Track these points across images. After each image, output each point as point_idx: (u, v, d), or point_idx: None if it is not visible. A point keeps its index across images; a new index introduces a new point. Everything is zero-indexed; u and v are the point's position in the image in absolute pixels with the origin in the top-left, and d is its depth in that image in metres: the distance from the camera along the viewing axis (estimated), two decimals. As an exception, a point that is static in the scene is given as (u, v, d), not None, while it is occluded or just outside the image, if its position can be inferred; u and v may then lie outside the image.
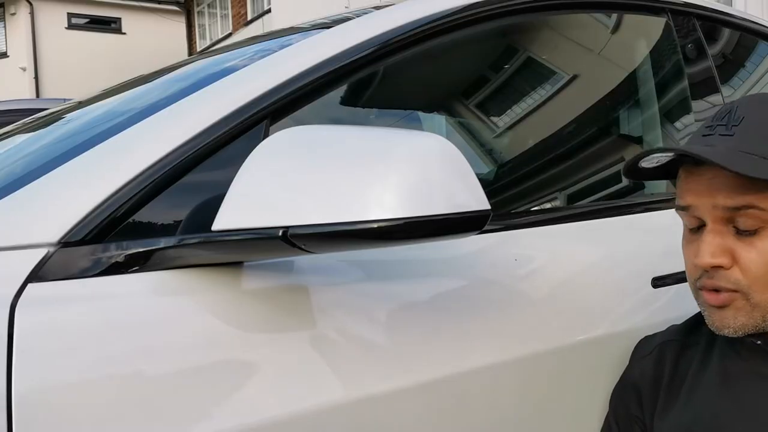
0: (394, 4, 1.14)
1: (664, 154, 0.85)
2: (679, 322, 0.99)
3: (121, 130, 0.86)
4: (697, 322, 0.94)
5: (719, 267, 0.82)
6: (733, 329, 0.83)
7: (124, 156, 0.82)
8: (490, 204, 0.71)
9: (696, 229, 0.86)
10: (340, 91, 1.01)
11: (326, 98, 0.97)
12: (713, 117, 0.87)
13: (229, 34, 15.54)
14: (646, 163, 0.87)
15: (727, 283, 0.83)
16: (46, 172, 0.81)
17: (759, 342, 0.86)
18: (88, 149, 0.84)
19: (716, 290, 0.84)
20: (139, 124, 0.87)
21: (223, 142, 0.85)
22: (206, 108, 0.87)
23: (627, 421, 0.95)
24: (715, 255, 0.82)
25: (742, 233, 0.82)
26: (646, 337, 1.00)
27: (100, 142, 0.85)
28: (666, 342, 0.96)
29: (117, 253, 0.76)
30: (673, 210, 0.89)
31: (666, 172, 0.89)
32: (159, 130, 0.85)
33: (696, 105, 1.39)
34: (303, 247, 0.68)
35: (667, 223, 1.22)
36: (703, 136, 0.86)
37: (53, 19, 15.95)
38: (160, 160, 0.81)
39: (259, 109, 0.88)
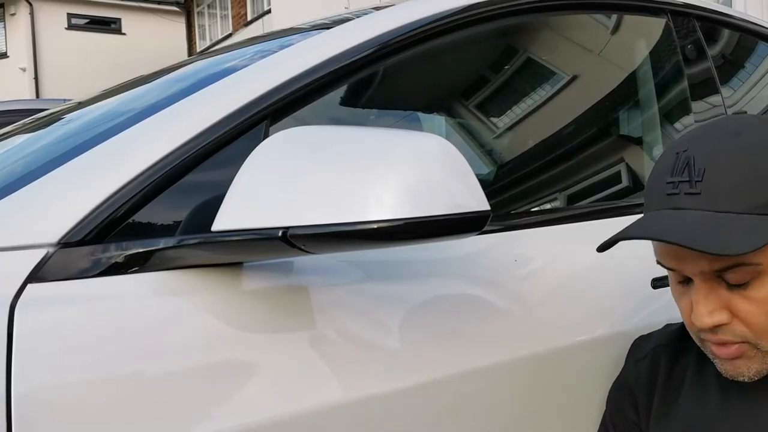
0: (394, 5, 1.14)
1: (635, 236, 0.81)
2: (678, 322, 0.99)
3: (121, 131, 0.86)
4: None
5: (720, 324, 0.79)
6: (748, 377, 0.81)
7: (123, 156, 0.82)
8: (490, 204, 0.71)
9: (684, 282, 0.83)
10: (340, 91, 1.01)
11: (326, 99, 0.97)
12: (670, 169, 0.80)
13: (229, 35, 15.55)
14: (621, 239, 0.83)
15: (734, 337, 0.79)
16: (46, 173, 0.81)
17: None
18: (88, 150, 0.84)
19: (724, 343, 0.80)
20: (138, 124, 0.87)
21: (223, 143, 0.85)
22: (206, 108, 0.87)
23: (624, 425, 0.95)
24: (714, 314, 0.78)
25: (733, 287, 0.78)
26: (641, 337, 0.99)
27: (100, 142, 0.85)
28: (661, 346, 0.94)
29: (117, 253, 0.76)
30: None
31: None
32: (159, 130, 0.85)
33: (696, 106, 1.39)
34: (303, 247, 0.68)
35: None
36: (668, 194, 0.80)
37: (53, 20, 15.95)
38: (160, 161, 0.81)
39: (259, 110, 0.88)
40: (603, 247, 0.87)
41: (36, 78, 15.61)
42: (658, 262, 0.84)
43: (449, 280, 0.95)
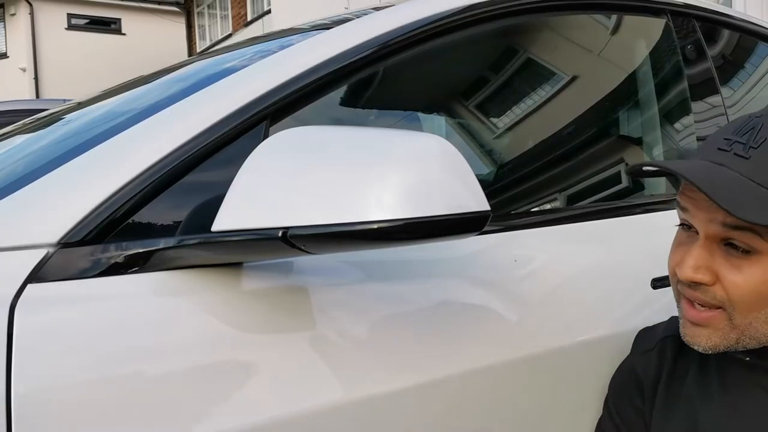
0: (393, 5, 1.14)
1: (666, 170, 0.82)
2: (678, 323, 0.99)
3: (121, 131, 0.86)
4: None
5: (699, 283, 0.80)
6: (703, 348, 0.82)
7: (123, 156, 0.82)
8: (490, 205, 0.71)
9: (688, 230, 0.84)
10: (340, 91, 1.01)
11: (326, 99, 0.97)
12: (735, 128, 0.81)
13: (229, 35, 15.55)
14: (649, 167, 0.85)
15: (711, 299, 0.80)
16: (46, 173, 0.81)
17: (748, 359, 0.84)
18: (88, 150, 0.84)
19: (700, 304, 0.81)
20: (138, 124, 0.87)
21: (223, 143, 0.85)
22: (206, 108, 0.87)
23: (629, 410, 0.94)
24: (698, 270, 0.79)
25: (731, 254, 0.79)
26: (646, 328, 0.99)
27: (100, 142, 0.85)
28: (668, 338, 0.94)
29: (117, 253, 0.76)
30: (673, 211, 0.89)
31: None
32: (159, 130, 0.85)
33: (696, 106, 1.39)
34: (303, 247, 0.68)
35: (667, 224, 1.22)
36: (719, 149, 0.81)
37: (53, 20, 15.95)
38: (160, 161, 0.81)
39: (259, 110, 0.88)
40: (631, 170, 0.87)
41: (36, 78, 15.61)
42: (677, 203, 0.85)
43: (449, 280, 0.95)
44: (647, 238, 1.17)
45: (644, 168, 0.85)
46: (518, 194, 1.18)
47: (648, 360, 0.94)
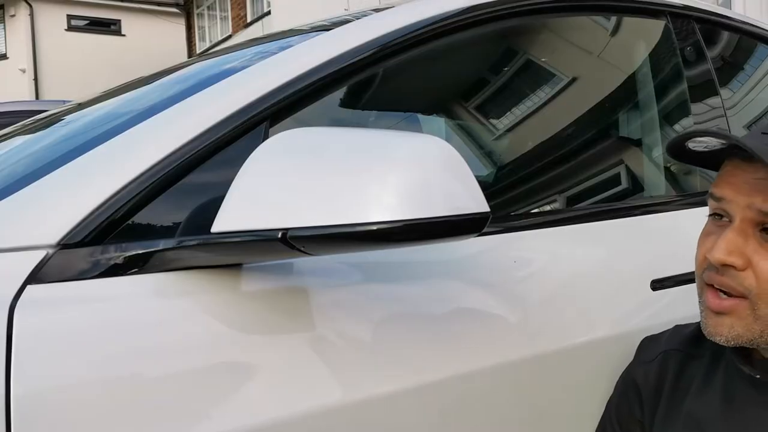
0: (393, 7, 1.14)
1: (717, 140, 0.80)
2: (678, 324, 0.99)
3: (121, 132, 0.86)
4: (701, 332, 0.90)
5: (731, 267, 0.78)
6: (725, 338, 0.80)
7: (123, 158, 0.82)
8: (490, 206, 0.71)
9: (719, 220, 0.83)
10: (340, 93, 1.01)
11: (326, 100, 0.97)
12: None
13: (229, 36, 15.55)
14: (694, 144, 0.83)
15: (737, 285, 0.79)
16: (46, 174, 0.81)
17: (758, 376, 0.83)
18: (88, 151, 0.84)
19: (724, 293, 0.80)
20: (138, 126, 0.87)
21: (222, 144, 0.85)
22: (206, 110, 0.87)
23: (628, 420, 0.94)
24: (731, 253, 0.78)
25: (766, 239, 0.78)
26: (650, 337, 0.98)
27: (100, 144, 0.85)
28: (670, 351, 0.93)
29: (116, 254, 0.76)
30: (672, 213, 0.89)
31: (710, 159, 0.85)
32: (158, 131, 0.85)
33: (695, 107, 1.39)
34: (302, 249, 0.68)
35: (666, 226, 1.22)
36: (763, 133, 0.80)
37: (53, 21, 15.94)
38: (160, 162, 0.81)
39: (259, 111, 0.88)
40: (672, 146, 0.86)
41: (36, 79, 15.61)
42: (709, 195, 0.84)
43: (449, 281, 0.94)
44: (646, 239, 1.17)
45: (688, 146, 0.83)
46: (518, 195, 1.18)
47: (648, 371, 0.94)
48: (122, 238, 0.77)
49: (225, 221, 0.72)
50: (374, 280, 0.89)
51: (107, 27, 16.73)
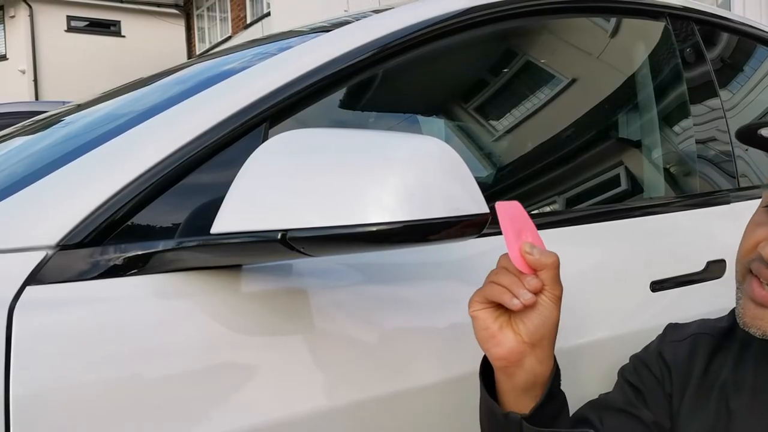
0: (393, 8, 1.14)
1: None
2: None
3: (120, 133, 0.86)
4: (730, 325, 0.90)
5: None
6: (762, 332, 0.79)
7: (122, 159, 0.82)
8: (489, 207, 0.71)
9: None
10: (340, 94, 1.01)
11: (326, 101, 0.97)
12: None
13: (229, 38, 15.55)
14: (766, 131, 0.83)
15: None
16: (45, 175, 0.81)
17: None
18: (88, 152, 0.84)
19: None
20: (138, 127, 0.87)
21: (222, 145, 0.85)
22: (206, 111, 0.87)
23: (649, 380, 0.91)
24: None
25: None
26: (676, 323, 0.96)
27: (99, 144, 0.85)
28: (700, 335, 0.91)
29: (115, 256, 0.76)
30: (672, 214, 0.88)
31: None
32: (158, 132, 0.85)
33: (694, 109, 1.39)
34: (302, 250, 0.68)
35: (666, 227, 1.22)
36: None
37: (52, 22, 15.95)
38: (159, 163, 0.81)
39: (259, 112, 0.88)
40: (742, 131, 0.85)
41: (35, 80, 15.61)
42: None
43: (448, 282, 0.94)
44: (646, 240, 1.17)
45: (760, 132, 0.83)
46: (517, 197, 1.17)
47: (677, 349, 0.91)
48: (122, 239, 0.77)
49: (224, 222, 0.72)
50: (374, 282, 0.89)
51: (107, 28, 16.74)
